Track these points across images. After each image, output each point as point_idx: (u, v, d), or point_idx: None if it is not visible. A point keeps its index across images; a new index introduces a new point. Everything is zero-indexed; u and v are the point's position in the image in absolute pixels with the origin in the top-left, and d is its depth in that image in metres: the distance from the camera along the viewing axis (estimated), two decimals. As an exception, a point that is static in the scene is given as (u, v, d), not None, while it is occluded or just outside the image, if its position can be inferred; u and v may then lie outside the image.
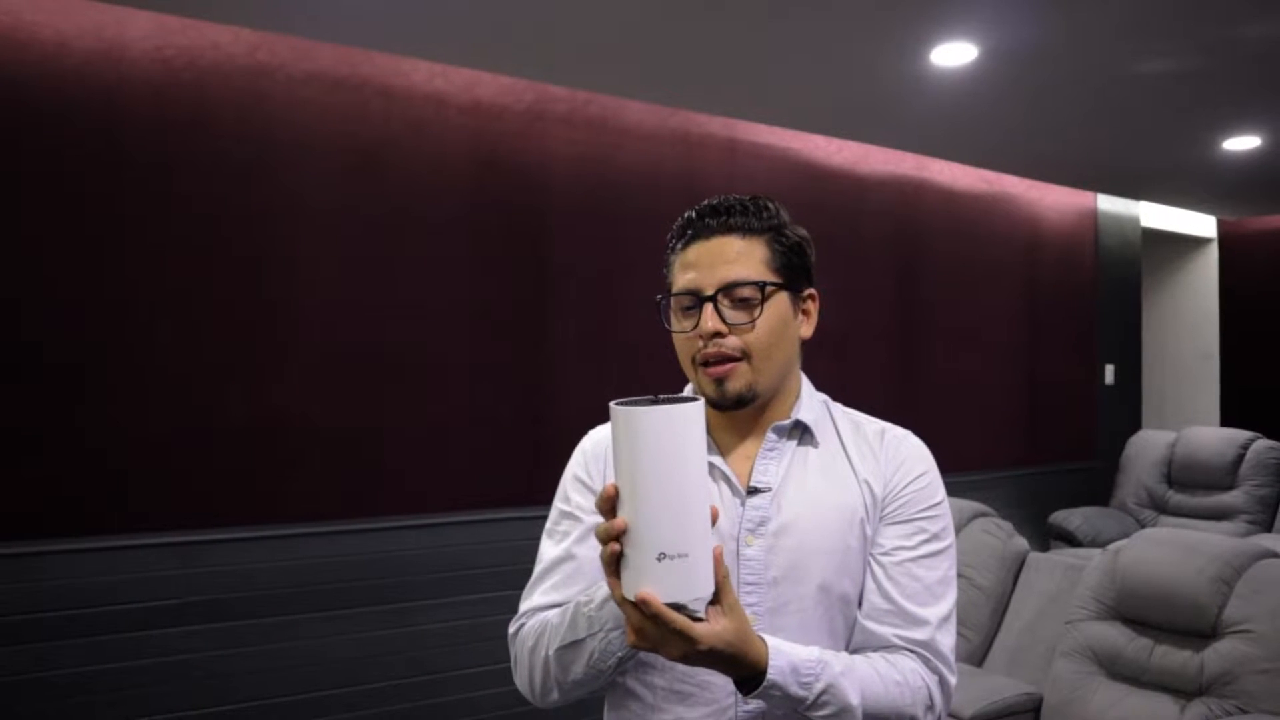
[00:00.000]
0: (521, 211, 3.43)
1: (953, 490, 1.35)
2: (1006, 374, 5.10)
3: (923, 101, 3.64)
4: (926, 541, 1.19)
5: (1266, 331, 6.42)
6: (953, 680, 1.16)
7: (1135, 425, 5.73)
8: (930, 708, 1.13)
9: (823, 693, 1.04)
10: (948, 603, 1.18)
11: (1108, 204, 5.59)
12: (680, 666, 1.15)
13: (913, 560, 1.17)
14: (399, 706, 3.10)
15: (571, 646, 1.11)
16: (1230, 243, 6.55)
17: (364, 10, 2.74)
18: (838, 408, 1.29)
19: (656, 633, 0.93)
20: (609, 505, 0.95)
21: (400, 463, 3.17)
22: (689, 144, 3.83)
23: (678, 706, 1.16)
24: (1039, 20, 2.87)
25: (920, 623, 1.15)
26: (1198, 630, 2.45)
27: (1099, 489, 5.33)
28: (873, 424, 1.27)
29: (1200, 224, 6.37)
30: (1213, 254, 6.48)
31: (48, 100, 2.63)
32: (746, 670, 1.00)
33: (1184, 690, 2.43)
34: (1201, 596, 2.44)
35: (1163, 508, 4.73)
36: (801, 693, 1.03)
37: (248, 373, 2.91)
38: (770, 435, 1.21)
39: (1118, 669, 2.57)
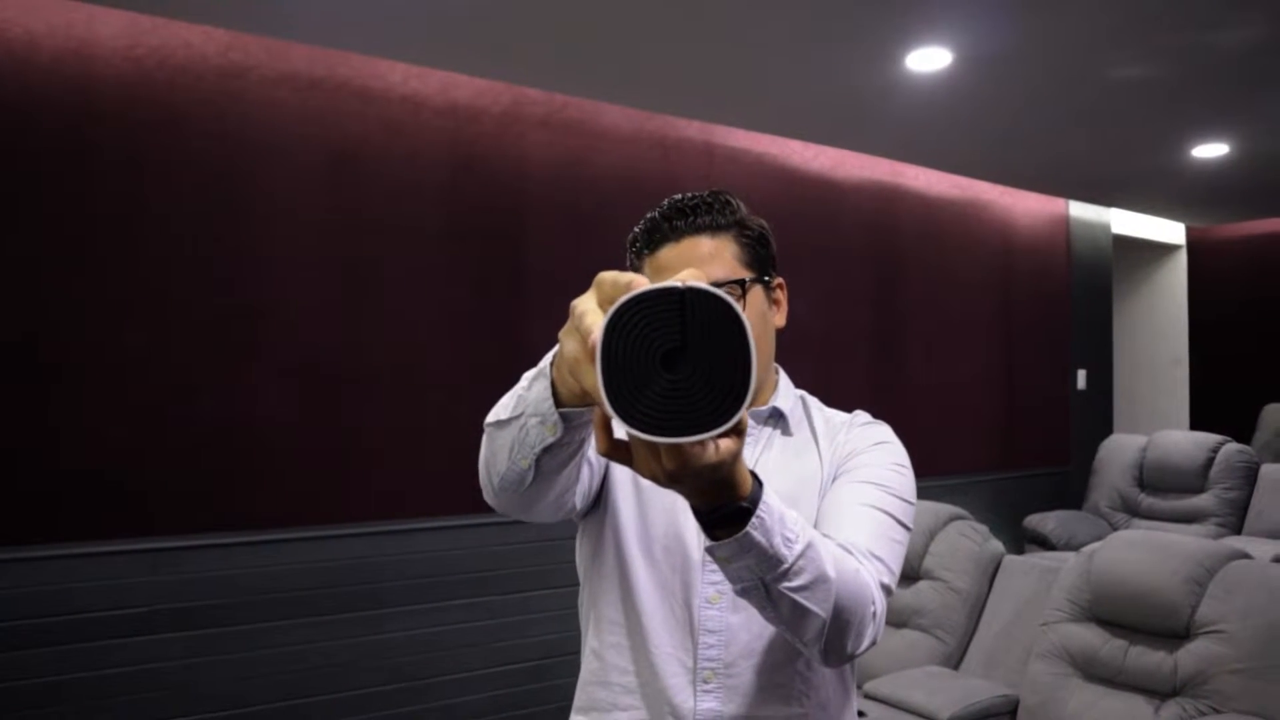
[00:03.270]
0: (497, 214, 3.41)
1: (929, 494, 1.35)
2: (981, 379, 5.13)
3: (898, 107, 3.65)
4: (871, 490, 1.11)
5: (1234, 337, 6.51)
6: (885, 598, 1.03)
7: (1107, 429, 5.78)
8: (874, 616, 0.98)
9: (802, 555, 0.87)
10: (884, 549, 1.06)
11: (1079, 210, 5.64)
12: (631, 668, 1.14)
13: (854, 504, 1.10)
14: (377, 714, 3.06)
15: (499, 426, 0.98)
16: (1199, 249, 6.63)
17: (339, 11, 2.72)
18: (814, 402, 1.29)
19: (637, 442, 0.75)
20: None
21: (376, 467, 3.13)
22: (666, 148, 3.83)
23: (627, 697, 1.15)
24: (1014, 26, 2.89)
25: (851, 541, 1.03)
26: (1171, 631, 2.46)
27: (1072, 492, 5.37)
28: (840, 415, 1.27)
29: (1169, 231, 6.45)
30: (1182, 260, 6.56)
31: (16, 99, 2.58)
32: (730, 499, 0.81)
33: (1158, 691, 2.45)
34: (1175, 597, 2.46)
35: (1135, 510, 4.77)
36: (783, 550, 0.86)
37: (219, 376, 2.87)
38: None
39: (1093, 670, 2.59)
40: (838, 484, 1.15)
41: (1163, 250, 6.57)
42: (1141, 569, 2.54)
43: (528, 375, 0.95)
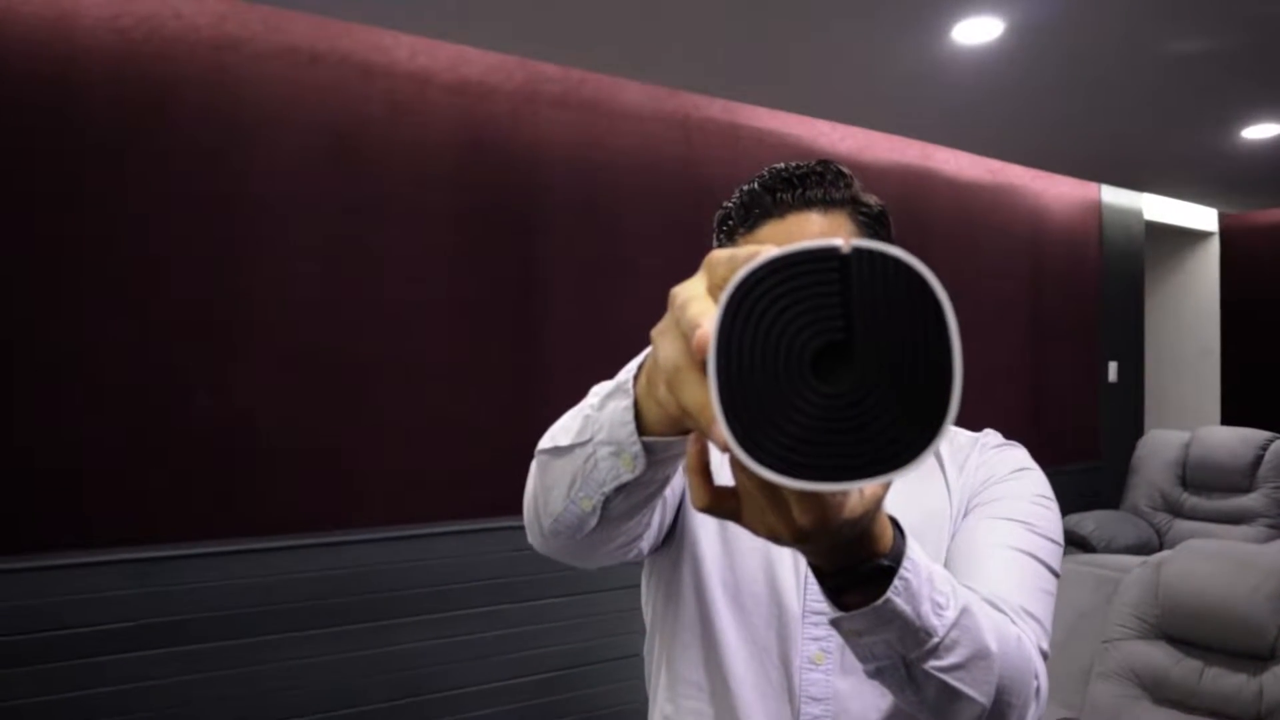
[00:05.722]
0: (510, 199, 3.21)
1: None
2: (1010, 370, 4.92)
3: (940, 84, 3.43)
4: (1015, 530, 0.92)
5: (1268, 328, 6.28)
6: (1044, 667, 0.83)
7: (1138, 424, 5.57)
8: (1037, 693, 0.79)
9: (955, 624, 0.68)
10: (1038, 605, 0.87)
11: (1112, 196, 5.42)
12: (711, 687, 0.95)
13: (997, 547, 0.90)
14: (381, 735, 2.88)
15: (557, 454, 0.78)
16: (1232, 237, 6.40)
17: (341, -25, 2.52)
18: None
19: (755, 487, 0.53)
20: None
21: (378, 470, 2.95)
22: (689, 128, 3.61)
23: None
24: (1071, -8, 2.67)
25: (999, 595, 0.85)
26: (1254, 652, 2.26)
27: (1105, 490, 5.16)
28: (964, 434, 1.10)
29: (1202, 217, 6.22)
30: (1214, 248, 6.34)
31: (-11, 71, 2.39)
32: (866, 556, 0.62)
33: (1240, 717, 2.24)
34: (1258, 616, 2.25)
35: (1177, 511, 4.56)
36: (932, 620, 0.66)
37: (212, 373, 2.68)
38: None
39: (1164, 693, 2.38)
40: (972, 520, 0.95)
41: (1194, 237, 6.34)
42: (1218, 583, 2.33)
43: (599, 389, 0.73)
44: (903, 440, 0.45)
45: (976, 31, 2.91)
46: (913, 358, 0.45)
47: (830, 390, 0.45)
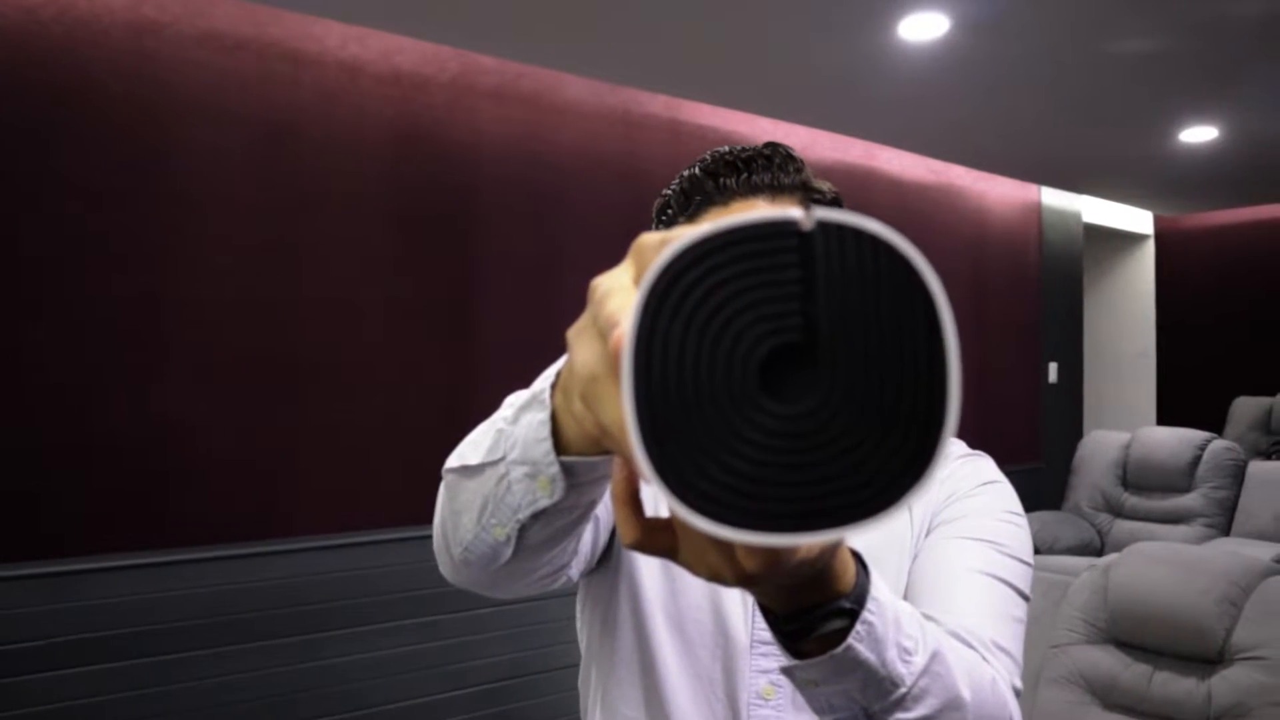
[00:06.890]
0: (446, 195, 3.11)
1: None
2: (954, 372, 4.93)
3: (885, 82, 3.40)
4: (983, 551, 0.84)
5: (1202, 329, 6.40)
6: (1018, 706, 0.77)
7: (1077, 424, 5.62)
8: None
9: (924, 671, 0.60)
10: (1009, 636, 0.80)
11: (1051, 198, 5.47)
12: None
13: (964, 572, 0.83)
14: (312, 754, 2.76)
15: (466, 474, 0.67)
16: (1167, 240, 6.51)
17: (265, -43, 2.39)
18: None
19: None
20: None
21: (312, 477, 2.84)
22: (629, 124, 3.54)
23: None
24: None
25: (967, 628, 0.77)
26: (1203, 656, 2.23)
27: (1046, 491, 5.19)
28: None
29: (1138, 220, 6.31)
30: (1149, 250, 6.43)
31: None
32: (824, 598, 0.53)
33: (1189, 722, 2.22)
34: (1207, 619, 2.22)
35: (1118, 511, 4.59)
36: (898, 667, 0.58)
37: (133, 378, 2.55)
38: None
39: (1113, 699, 2.35)
40: (935, 540, 0.87)
41: (1130, 240, 6.44)
42: (1166, 587, 2.31)
43: (514, 400, 0.63)
44: (881, 477, 0.34)
45: (923, 28, 2.87)
46: (895, 365, 0.34)
47: (785, 410, 0.34)
